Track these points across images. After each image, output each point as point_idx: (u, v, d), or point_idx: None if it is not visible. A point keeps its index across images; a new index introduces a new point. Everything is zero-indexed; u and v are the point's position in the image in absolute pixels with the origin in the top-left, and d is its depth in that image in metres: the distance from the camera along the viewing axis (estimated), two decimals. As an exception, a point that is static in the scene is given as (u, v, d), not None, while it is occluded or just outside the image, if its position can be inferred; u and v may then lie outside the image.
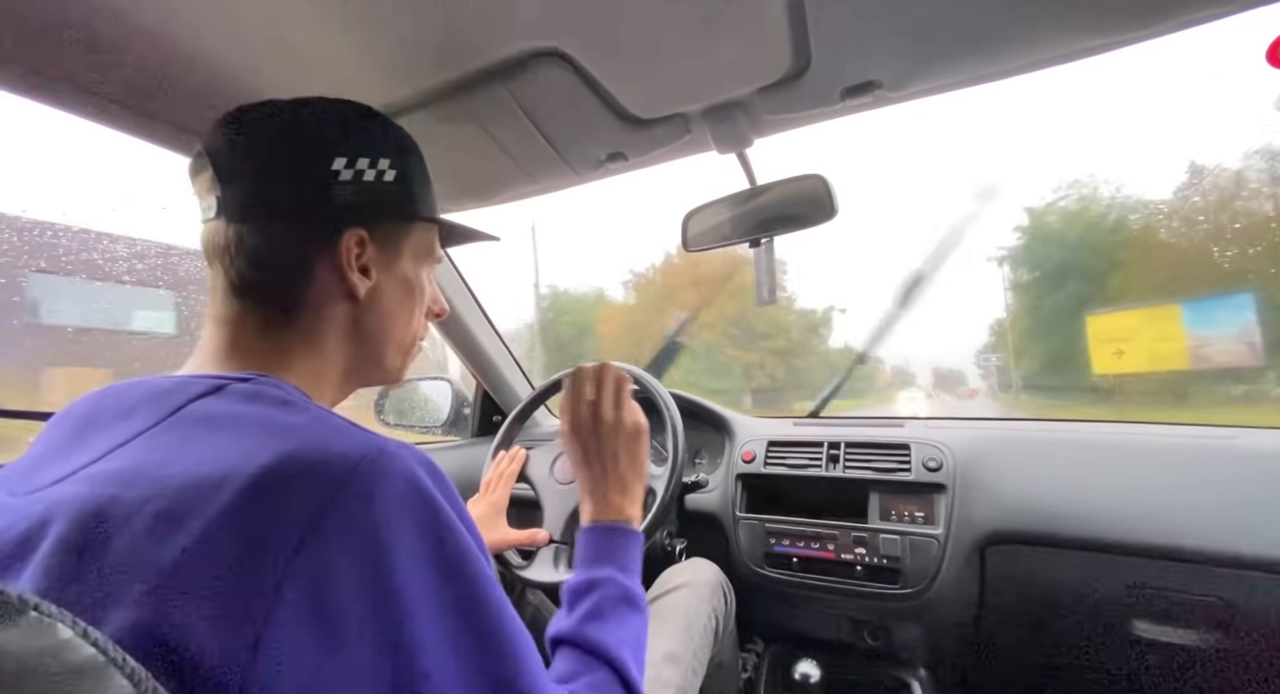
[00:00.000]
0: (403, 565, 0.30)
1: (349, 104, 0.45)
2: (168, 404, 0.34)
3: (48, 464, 0.34)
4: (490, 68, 0.59)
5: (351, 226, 0.43)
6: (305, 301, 0.42)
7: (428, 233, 0.50)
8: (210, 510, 0.28)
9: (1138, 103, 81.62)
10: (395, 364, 0.49)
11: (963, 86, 0.64)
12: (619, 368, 0.67)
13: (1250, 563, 0.73)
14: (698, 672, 0.74)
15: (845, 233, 58.30)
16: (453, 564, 0.33)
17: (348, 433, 0.33)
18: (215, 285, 0.42)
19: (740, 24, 0.53)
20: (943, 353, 37.46)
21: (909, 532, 0.90)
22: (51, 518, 0.29)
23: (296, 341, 0.42)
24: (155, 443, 0.32)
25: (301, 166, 0.41)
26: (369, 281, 0.44)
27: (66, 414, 0.39)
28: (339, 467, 0.31)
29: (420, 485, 0.33)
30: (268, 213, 0.41)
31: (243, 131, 0.41)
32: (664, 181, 7.31)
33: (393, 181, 0.44)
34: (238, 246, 0.40)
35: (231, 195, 0.41)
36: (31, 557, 0.28)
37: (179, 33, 0.51)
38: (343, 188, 0.42)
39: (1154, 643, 0.81)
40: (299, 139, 0.42)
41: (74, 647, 0.21)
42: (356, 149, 0.43)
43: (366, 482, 0.31)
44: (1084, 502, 0.85)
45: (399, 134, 0.47)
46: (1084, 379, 14.42)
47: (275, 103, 0.43)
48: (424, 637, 0.30)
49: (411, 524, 0.32)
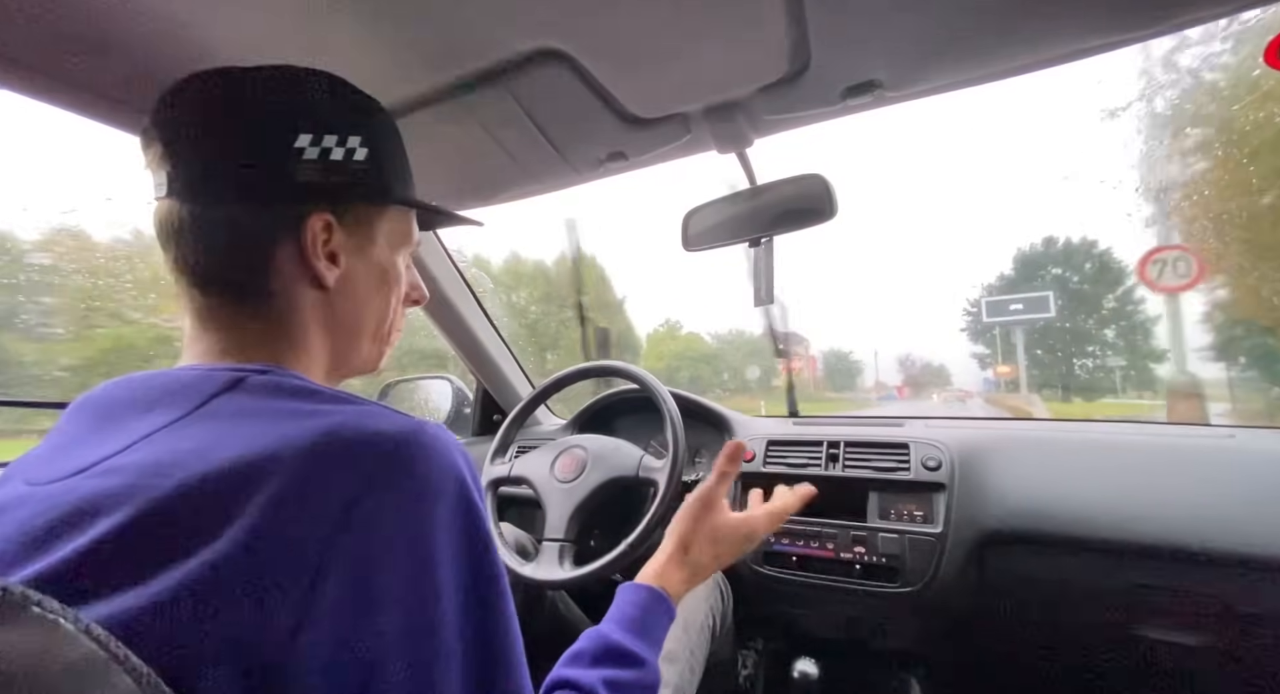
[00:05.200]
0: (440, 545, 0.31)
1: (317, 74, 0.41)
2: (191, 398, 0.34)
3: (68, 454, 0.34)
4: (491, 67, 0.59)
5: (317, 209, 0.39)
6: (270, 291, 0.39)
7: (404, 217, 0.47)
8: (255, 495, 0.28)
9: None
10: (371, 354, 0.47)
11: (963, 86, 0.64)
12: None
13: (1251, 562, 0.73)
14: (695, 670, 0.74)
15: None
16: (480, 551, 0.34)
17: (384, 414, 0.33)
18: (174, 270, 0.40)
19: (740, 24, 0.53)
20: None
21: (908, 531, 0.90)
22: (87, 507, 0.29)
23: (278, 336, 0.40)
24: (184, 434, 0.32)
25: (259, 141, 0.38)
26: (337, 269, 0.41)
27: (84, 404, 0.38)
28: (382, 445, 0.31)
29: (458, 468, 0.34)
30: (222, 192, 0.38)
31: (195, 100, 0.38)
32: (662, 181, 7.29)
33: (364, 161, 0.41)
34: (191, 229, 0.38)
35: (182, 171, 0.37)
36: (59, 546, 0.28)
37: (175, 31, 0.51)
38: (306, 167, 0.38)
39: (1154, 642, 0.81)
40: (257, 110, 0.38)
41: (76, 643, 0.21)
42: (324, 125, 0.39)
43: (410, 459, 0.31)
44: (1084, 501, 0.85)
45: (373, 110, 0.44)
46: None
47: (232, 70, 0.39)
48: (448, 606, 0.31)
49: (449, 506, 0.32)
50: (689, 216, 0.89)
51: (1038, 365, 32.66)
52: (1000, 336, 32.72)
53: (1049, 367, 33.03)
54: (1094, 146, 66.96)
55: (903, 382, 31.42)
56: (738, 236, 0.84)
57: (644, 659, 0.48)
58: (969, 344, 36.23)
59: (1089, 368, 32.31)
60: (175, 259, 0.39)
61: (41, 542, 0.28)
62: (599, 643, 0.48)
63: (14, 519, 0.30)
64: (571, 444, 0.98)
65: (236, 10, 0.49)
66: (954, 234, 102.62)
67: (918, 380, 31.80)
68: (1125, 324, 30.90)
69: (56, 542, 0.28)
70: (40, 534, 0.28)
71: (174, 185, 0.37)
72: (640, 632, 0.50)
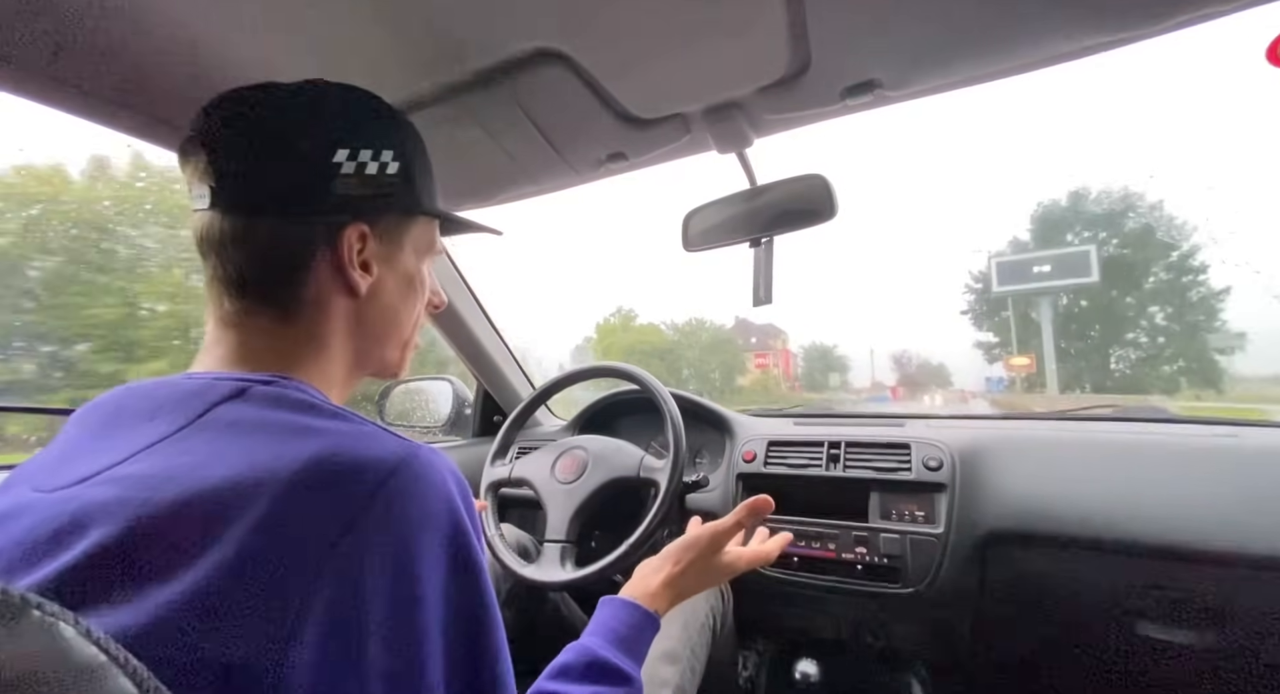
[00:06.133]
0: (427, 580, 0.31)
1: (352, 90, 0.43)
2: (193, 407, 0.34)
3: (73, 461, 0.34)
4: (490, 68, 0.59)
5: (353, 221, 0.41)
6: (306, 299, 0.41)
7: (429, 226, 0.49)
8: (246, 514, 0.28)
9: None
10: (395, 358, 0.49)
11: (963, 86, 0.64)
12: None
13: (1253, 561, 0.73)
14: (696, 670, 0.74)
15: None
16: (470, 579, 0.34)
17: (379, 438, 0.34)
18: (211, 279, 0.41)
19: (740, 24, 0.53)
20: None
21: (909, 531, 0.90)
22: (83, 518, 0.29)
23: (302, 341, 0.41)
24: (183, 447, 0.32)
25: (303, 157, 0.39)
26: (370, 278, 0.43)
27: (90, 410, 0.38)
28: (374, 471, 0.31)
29: (449, 495, 0.34)
30: (266, 205, 0.39)
31: (240, 116, 0.39)
32: (661, 181, 7.22)
33: (395, 174, 0.43)
34: (234, 240, 0.39)
35: (227, 185, 0.38)
36: (60, 555, 0.28)
37: (175, 32, 0.51)
38: (345, 181, 0.40)
39: (1156, 642, 0.81)
40: (301, 127, 0.40)
41: (76, 647, 0.21)
42: (360, 140, 0.41)
43: (401, 487, 0.31)
44: (1085, 500, 0.84)
45: (402, 124, 0.45)
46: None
47: (275, 86, 0.40)
48: (432, 645, 0.31)
49: (439, 537, 0.33)
50: (689, 217, 0.89)
51: (1063, 357, 23.21)
52: (1016, 318, 23.65)
53: (1077, 359, 23.47)
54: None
55: (897, 381, 28.96)
56: (738, 237, 0.84)
57: (632, 677, 0.49)
58: (972, 330, 25.35)
59: (1129, 360, 22.43)
60: (214, 267, 0.40)
61: (44, 550, 0.28)
62: (587, 658, 0.48)
63: (19, 527, 0.30)
64: (572, 445, 0.98)
65: (235, 10, 0.49)
66: (956, 213, 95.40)
67: (914, 379, 30.14)
68: (1180, 303, 21.18)
69: (57, 550, 0.28)
70: (42, 543, 0.29)
71: (218, 198, 0.39)
72: (628, 650, 0.51)
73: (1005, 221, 20.16)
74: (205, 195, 0.39)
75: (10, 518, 0.31)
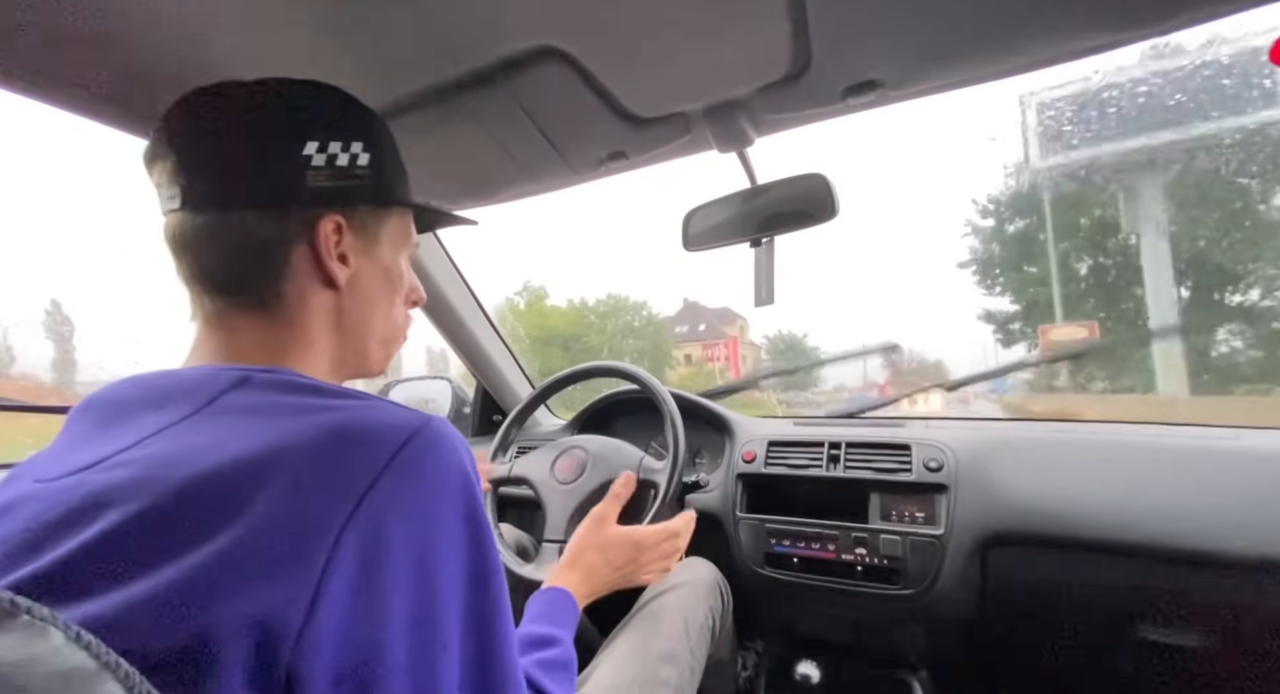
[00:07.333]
0: (445, 539, 0.33)
1: (315, 85, 0.43)
2: (201, 395, 0.34)
3: (76, 451, 0.34)
4: (490, 67, 0.59)
5: (327, 212, 0.41)
6: (287, 294, 0.41)
7: (404, 218, 0.49)
8: (271, 481, 0.29)
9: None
10: (378, 356, 0.49)
11: (963, 86, 0.64)
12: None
13: (1254, 563, 0.73)
14: (695, 671, 0.74)
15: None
16: (481, 543, 0.35)
17: (392, 408, 0.35)
18: (188, 279, 0.41)
19: (741, 23, 0.53)
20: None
21: (910, 532, 0.90)
22: (100, 498, 0.29)
23: (287, 337, 0.41)
24: (195, 429, 0.33)
25: (271, 152, 0.39)
26: (348, 270, 0.43)
27: (89, 405, 0.39)
28: (392, 437, 0.32)
29: (462, 460, 0.35)
30: (239, 202, 0.39)
31: (204, 115, 0.39)
32: (661, 180, 7.20)
33: (366, 166, 0.43)
34: (209, 238, 0.39)
35: (198, 184, 0.38)
36: (71, 537, 0.28)
37: (173, 30, 0.51)
38: (316, 173, 0.40)
39: (1156, 644, 0.81)
40: (269, 122, 0.40)
41: (66, 652, 0.21)
42: (329, 132, 0.41)
43: (420, 450, 0.32)
44: (1086, 502, 0.84)
45: (370, 117, 0.45)
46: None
47: (238, 84, 0.40)
48: (448, 608, 0.32)
49: (455, 500, 0.34)
50: (689, 217, 0.88)
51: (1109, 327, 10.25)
52: (1057, 253, 11.44)
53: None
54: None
55: (887, 379, 26.05)
56: (738, 236, 0.84)
57: (561, 638, 0.54)
58: (978, 294, 12.28)
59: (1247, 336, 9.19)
60: (189, 268, 0.40)
61: (50, 536, 0.28)
62: (520, 638, 0.52)
63: (22, 515, 0.30)
64: (572, 445, 0.98)
65: (234, 10, 0.49)
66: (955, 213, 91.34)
67: (908, 378, 28.82)
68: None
69: (66, 534, 0.28)
70: (49, 529, 0.29)
71: (189, 198, 0.39)
72: (550, 620, 0.57)
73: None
74: (176, 196, 0.39)
75: (13, 508, 0.31)
